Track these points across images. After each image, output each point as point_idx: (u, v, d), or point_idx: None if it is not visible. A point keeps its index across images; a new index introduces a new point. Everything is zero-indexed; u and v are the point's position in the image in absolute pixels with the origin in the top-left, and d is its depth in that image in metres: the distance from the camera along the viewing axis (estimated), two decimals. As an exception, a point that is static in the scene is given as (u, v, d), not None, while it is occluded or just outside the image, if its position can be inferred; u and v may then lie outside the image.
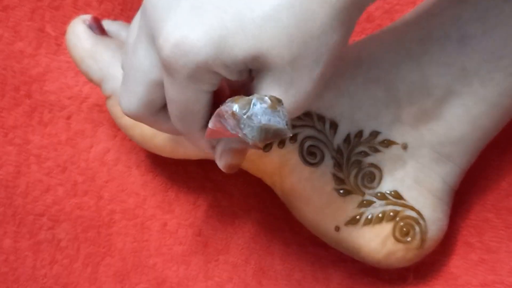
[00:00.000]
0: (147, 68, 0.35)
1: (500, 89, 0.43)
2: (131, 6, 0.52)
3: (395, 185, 0.45)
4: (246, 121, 0.31)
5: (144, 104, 0.36)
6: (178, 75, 0.33)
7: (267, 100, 0.32)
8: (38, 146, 0.50)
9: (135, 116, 0.37)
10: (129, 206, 0.50)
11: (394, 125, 0.44)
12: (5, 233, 0.49)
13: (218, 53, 0.32)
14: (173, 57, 0.33)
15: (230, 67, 0.33)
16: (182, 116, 0.36)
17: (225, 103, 0.32)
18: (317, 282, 0.49)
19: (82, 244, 0.49)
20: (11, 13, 0.52)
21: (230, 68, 0.33)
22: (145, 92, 0.36)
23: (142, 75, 0.35)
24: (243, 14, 0.32)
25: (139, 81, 0.36)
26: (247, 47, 0.32)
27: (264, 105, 0.31)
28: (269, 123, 0.31)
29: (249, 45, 0.32)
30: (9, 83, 0.51)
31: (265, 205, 0.50)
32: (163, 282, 0.49)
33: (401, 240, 0.45)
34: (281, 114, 0.32)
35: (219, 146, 0.38)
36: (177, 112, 0.36)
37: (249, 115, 0.31)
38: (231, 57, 0.33)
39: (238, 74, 0.34)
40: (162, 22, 0.33)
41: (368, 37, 0.47)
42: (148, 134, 0.45)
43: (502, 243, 0.49)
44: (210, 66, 0.33)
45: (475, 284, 0.48)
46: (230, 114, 0.32)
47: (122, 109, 0.38)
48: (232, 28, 0.32)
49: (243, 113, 0.31)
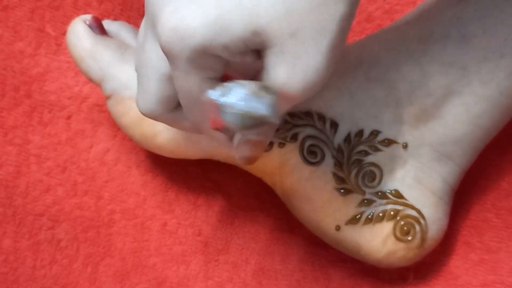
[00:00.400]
0: (155, 63, 0.35)
1: (501, 89, 0.43)
2: (131, 6, 0.52)
3: (395, 184, 0.45)
4: (226, 108, 0.31)
5: (159, 101, 0.36)
6: (178, 61, 0.33)
7: (247, 85, 0.31)
8: (38, 146, 0.50)
9: (153, 115, 0.37)
10: (129, 206, 0.50)
11: (395, 124, 0.44)
12: (5, 233, 0.49)
13: (216, 33, 0.32)
14: (171, 42, 0.32)
15: (230, 48, 0.32)
16: (192, 107, 0.35)
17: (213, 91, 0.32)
18: (317, 282, 0.49)
19: (82, 244, 0.49)
20: (11, 13, 0.52)
21: (231, 49, 0.32)
22: (158, 88, 0.36)
23: (152, 70, 0.35)
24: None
25: (150, 78, 0.36)
26: (244, 23, 0.32)
27: (243, 91, 0.31)
28: (250, 110, 0.31)
29: (246, 21, 0.32)
30: (9, 83, 0.51)
31: (265, 205, 0.50)
32: (163, 282, 0.49)
33: (401, 239, 0.45)
34: (265, 100, 0.31)
35: (236, 138, 0.37)
36: (187, 103, 0.35)
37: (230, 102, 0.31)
38: (229, 36, 0.32)
39: (240, 56, 0.33)
40: (161, 10, 0.33)
41: (368, 37, 0.47)
42: (148, 133, 0.45)
43: (502, 243, 0.49)
44: (209, 49, 0.32)
45: (475, 284, 0.48)
46: (210, 102, 0.31)
47: (139, 111, 0.37)
48: (228, 6, 0.32)
49: (222, 100, 0.31)
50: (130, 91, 0.44)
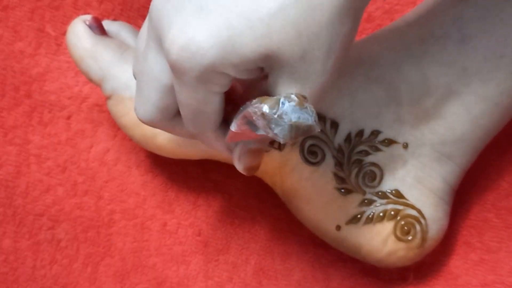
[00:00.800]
0: (158, 74, 0.35)
1: (501, 89, 0.43)
2: (131, 6, 0.52)
3: (396, 184, 0.45)
4: (276, 120, 0.32)
5: (159, 110, 0.36)
6: (187, 78, 0.33)
7: (294, 98, 0.32)
8: (38, 146, 0.50)
9: (152, 123, 0.37)
10: (129, 206, 0.50)
11: (395, 124, 0.44)
12: (5, 233, 0.49)
13: (226, 53, 0.32)
14: (180, 60, 0.32)
15: (239, 67, 0.33)
16: (195, 118, 0.35)
17: (251, 104, 0.32)
18: (317, 282, 0.49)
19: (82, 244, 0.49)
20: (11, 13, 0.52)
21: (239, 68, 0.33)
22: (159, 98, 0.36)
23: (154, 81, 0.35)
24: (250, 12, 0.32)
25: (151, 88, 0.35)
26: (256, 46, 0.32)
27: (292, 103, 0.32)
28: (299, 120, 0.32)
29: (258, 43, 0.32)
30: (9, 83, 0.51)
31: (265, 205, 0.50)
32: (163, 282, 0.49)
33: (402, 239, 0.45)
34: (309, 110, 0.32)
35: (238, 149, 0.37)
36: (190, 115, 0.35)
37: (279, 114, 0.31)
38: (240, 57, 0.32)
39: (248, 73, 0.33)
40: (168, 26, 0.33)
41: (368, 37, 0.47)
42: (148, 134, 0.45)
43: (502, 243, 0.49)
44: (218, 67, 0.32)
45: (475, 284, 0.48)
46: (259, 115, 0.32)
47: (138, 117, 0.37)
48: (239, 28, 0.32)
49: (273, 112, 0.32)
50: (130, 91, 0.44)
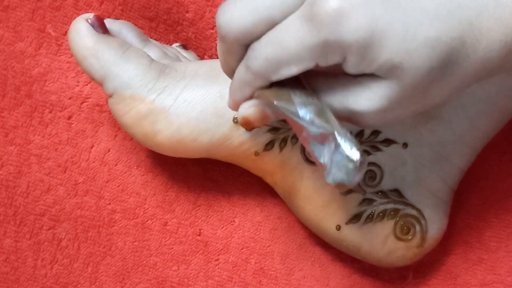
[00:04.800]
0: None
1: (499, 90, 0.43)
2: (132, 6, 0.52)
3: (395, 184, 0.45)
4: (343, 162, 0.32)
5: (258, 16, 0.34)
6: (324, 34, 0.32)
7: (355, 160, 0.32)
8: (39, 146, 0.50)
9: (237, 30, 0.35)
10: (129, 205, 0.50)
11: (395, 124, 0.44)
12: (6, 233, 0.49)
13: (366, 44, 0.32)
14: (329, 20, 0.32)
15: (352, 60, 0.33)
16: (279, 51, 0.34)
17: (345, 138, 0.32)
18: (317, 282, 0.49)
19: (83, 244, 0.49)
20: (11, 13, 0.52)
21: (350, 61, 0.33)
22: (268, 6, 0.34)
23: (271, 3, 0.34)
24: (407, 28, 0.32)
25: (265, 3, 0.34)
26: (396, 53, 0.32)
27: (351, 166, 0.32)
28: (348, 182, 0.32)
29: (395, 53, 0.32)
30: (10, 83, 0.51)
31: (265, 205, 0.51)
32: (163, 281, 0.49)
33: (401, 238, 0.45)
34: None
35: (253, 100, 0.37)
36: (273, 56, 0.34)
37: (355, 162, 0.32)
38: (373, 54, 0.32)
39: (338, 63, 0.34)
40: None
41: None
42: (149, 132, 0.45)
43: (501, 243, 0.49)
44: (342, 47, 0.32)
45: (474, 284, 0.49)
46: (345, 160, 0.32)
47: (221, 21, 0.35)
48: (393, 31, 0.32)
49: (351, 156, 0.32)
50: (132, 90, 0.44)
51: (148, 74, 0.44)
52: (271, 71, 0.34)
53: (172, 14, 0.52)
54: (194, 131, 0.44)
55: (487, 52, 0.33)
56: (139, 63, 0.44)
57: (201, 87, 0.44)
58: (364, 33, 0.32)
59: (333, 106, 0.35)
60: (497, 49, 0.33)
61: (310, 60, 0.33)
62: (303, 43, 0.33)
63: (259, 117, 0.37)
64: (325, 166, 0.32)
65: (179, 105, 0.44)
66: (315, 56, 0.33)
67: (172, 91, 0.44)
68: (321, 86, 0.36)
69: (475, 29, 0.33)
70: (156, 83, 0.44)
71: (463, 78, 0.34)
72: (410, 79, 0.33)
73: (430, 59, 0.32)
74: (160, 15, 0.52)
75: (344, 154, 0.32)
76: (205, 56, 0.53)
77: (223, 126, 0.44)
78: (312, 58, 0.33)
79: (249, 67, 0.35)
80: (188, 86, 0.44)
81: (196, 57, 0.51)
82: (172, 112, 0.44)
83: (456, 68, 0.33)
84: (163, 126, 0.44)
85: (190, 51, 0.51)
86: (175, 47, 0.51)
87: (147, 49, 0.47)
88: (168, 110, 0.44)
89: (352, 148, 0.32)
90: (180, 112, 0.44)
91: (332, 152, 0.32)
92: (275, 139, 0.45)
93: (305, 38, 0.33)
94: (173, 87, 0.44)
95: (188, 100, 0.44)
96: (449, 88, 0.34)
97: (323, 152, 0.33)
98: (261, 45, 0.34)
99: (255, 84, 0.36)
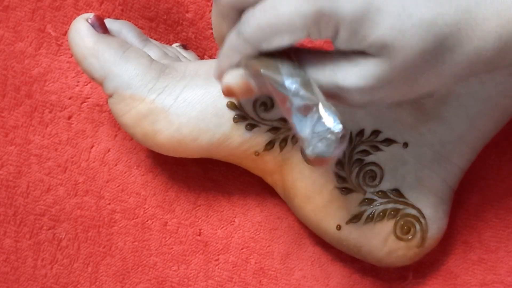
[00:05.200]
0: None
1: (499, 89, 0.43)
2: (132, 6, 0.52)
3: (396, 184, 0.45)
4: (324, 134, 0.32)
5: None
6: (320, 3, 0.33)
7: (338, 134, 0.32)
8: (39, 146, 0.50)
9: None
10: (129, 205, 0.50)
11: (395, 124, 0.44)
12: (6, 233, 0.49)
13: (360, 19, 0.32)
14: None
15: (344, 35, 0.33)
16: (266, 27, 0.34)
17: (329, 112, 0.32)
18: (317, 282, 0.49)
19: (83, 244, 0.49)
20: (11, 13, 0.52)
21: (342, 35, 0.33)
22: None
23: None
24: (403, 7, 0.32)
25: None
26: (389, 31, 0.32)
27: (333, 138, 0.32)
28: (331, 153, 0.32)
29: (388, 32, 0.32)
30: (10, 83, 0.51)
31: (265, 205, 0.51)
32: (163, 281, 0.49)
33: (402, 238, 0.45)
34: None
35: (239, 70, 0.37)
36: (266, 23, 0.34)
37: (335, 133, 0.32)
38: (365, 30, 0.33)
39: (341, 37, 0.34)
40: None
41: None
42: (149, 132, 0.45)
43: (501, 243, 0.49)
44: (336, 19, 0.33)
45: (474, 284, 0.49)
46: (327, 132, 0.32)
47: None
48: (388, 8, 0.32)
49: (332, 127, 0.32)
50: (132, 89, 0.44)
51: (148, 74, 0.44)
52: (263, 38, 0.34)
53: (172, 14, 0.52)
54: (194, 131, 0.44)
55: (482, 42, 0.33)
56: (139, 63, 0.44)
57: (201, 87, 0.44)
58: (359, 7, 0.32)
59: (321, 81, 0.35)
60: (491, 41, 0.33)
61: (303, 30, 0.33)
62: (298, 11, 0.33)
63: (243, 88, 0.37)
64: (306, 139, 0.32)
65: (179, 105, 0.44)
66: (308, 26, 0.33)
67: (172, 91, 0.44)
68: (311, 61, 0.36)
69: (471, 18, 0.33)
70: (156, 83, 0.44)
71: (456, 67, 0.34)
72: (401, 59, 0.33)
73: (422, 41, 0.33)
74: (160, 15, 0.52)
75: (326, 126, 0.32)
76: (205, 56, 0.53)
77: (223, 126, 0.44)
78: (305, 28, 0.33)
79: (241, 32, 0.35)
80: (188, 86, 0.44)
81: (196, 57, 0.51)
82: (172, 112, 0.44)
83: (449, 55, 0.33)
84: (163, 126, 0.44)
85: (190, 51, 0.51)
86: (175, 47, 0.51)
87: (147, 49, 0.47)
88: (168, 110, 0.44)
89: (335, 121, 0.32)
90: (180, 112, 0.44)
91: (315, 124, 0.32)
92: (275, 139, 0.45)
93: (301, 6, 0.33)
94: (173, 87, 0.44)
95: (188, 100, 0.44)
96: (440, 76, 0.34)
97: (305, 125, 0.33)
98: (255, 11, 0.34)
99: (245, 51, 0.35)
